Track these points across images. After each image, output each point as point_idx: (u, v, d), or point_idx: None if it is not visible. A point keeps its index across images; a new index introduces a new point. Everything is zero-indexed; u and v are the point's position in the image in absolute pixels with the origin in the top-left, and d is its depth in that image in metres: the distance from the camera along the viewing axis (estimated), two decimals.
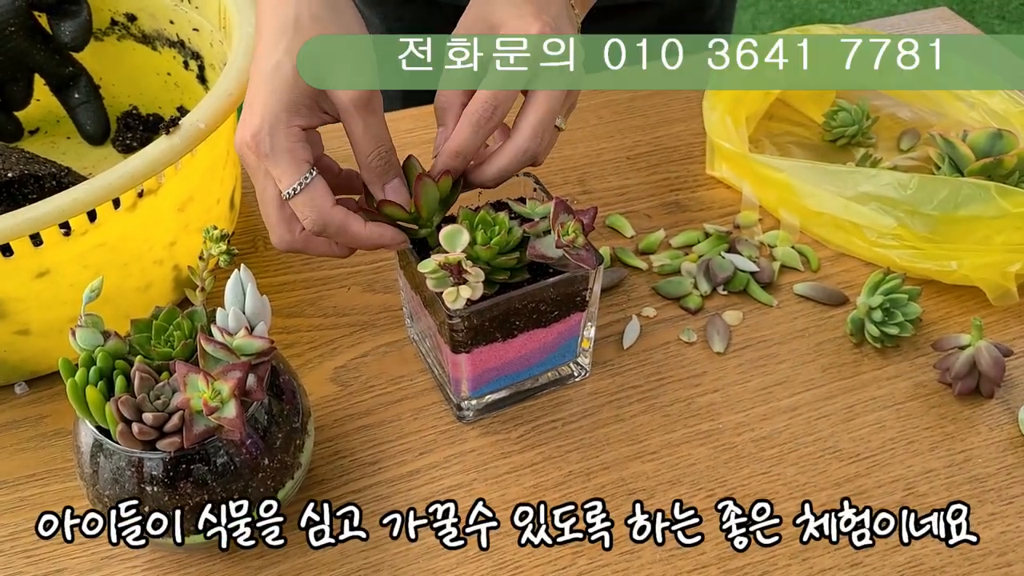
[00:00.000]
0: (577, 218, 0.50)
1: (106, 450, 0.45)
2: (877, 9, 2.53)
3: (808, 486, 0.53)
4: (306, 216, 0.48)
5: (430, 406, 0.57)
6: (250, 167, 0.49)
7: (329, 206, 0.48)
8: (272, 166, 0.48)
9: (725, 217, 0.70)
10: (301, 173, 0.48)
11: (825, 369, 0.60)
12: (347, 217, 0.49)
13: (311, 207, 0.48)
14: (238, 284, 0.46)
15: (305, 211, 0.48)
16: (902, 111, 0.80)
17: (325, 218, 0.48)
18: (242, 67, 0.58)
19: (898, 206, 0.63)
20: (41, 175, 0.61)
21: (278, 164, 0.48)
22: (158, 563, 0.50)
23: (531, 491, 0.53)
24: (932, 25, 0.90)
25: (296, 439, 0.49)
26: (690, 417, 0.57)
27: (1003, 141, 0.67)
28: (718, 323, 0.62)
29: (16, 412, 0.57)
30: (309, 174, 0.48)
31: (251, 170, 0.49)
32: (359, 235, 0.50)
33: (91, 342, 0.45)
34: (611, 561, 0.50)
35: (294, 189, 0.48)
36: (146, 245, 0.56)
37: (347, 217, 0.49)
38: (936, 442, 0.56)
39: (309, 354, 0.60)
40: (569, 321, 0.54)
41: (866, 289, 0.60)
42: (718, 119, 0.71)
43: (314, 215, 0.48)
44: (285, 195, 0.48)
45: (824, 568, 0.50)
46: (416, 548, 0.50)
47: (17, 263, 0.50)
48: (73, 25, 0.68)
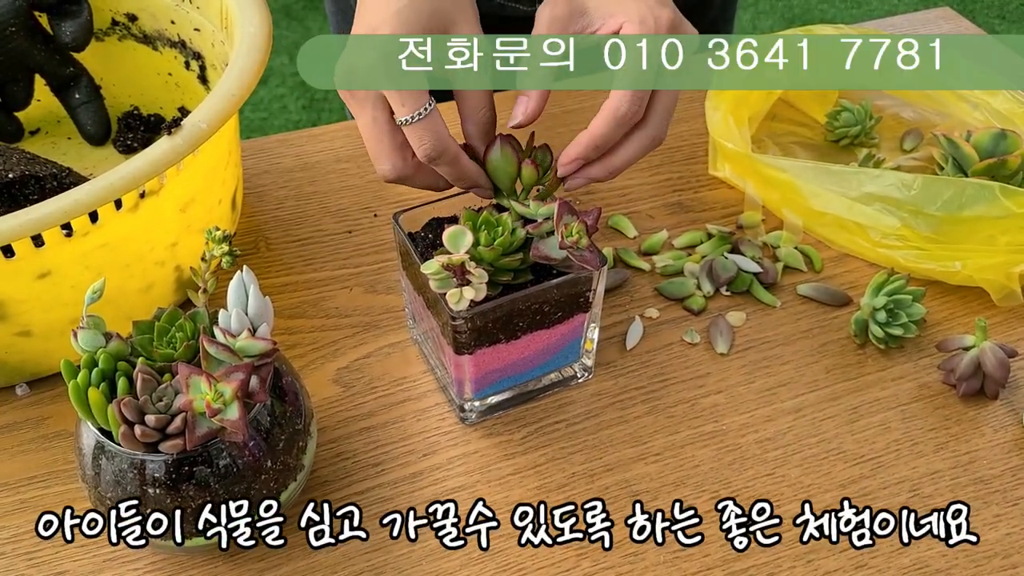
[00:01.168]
0: (581, 219, 0.49)
1: (108, 452, 0.45)
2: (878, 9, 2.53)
3: (812, 488, 0.53)
4: (424, 142, 0.50)
5: (433, 408, 0.57)
6: (357, 96, 0.50)
7: (447, 134, 0.50)
8: (397, 89, 0.49)
9: (728, 217, 0.70)
10: (424, 100, 0.49)
11: (829, 370, 0.59)
12: (460, 150, 0.51)
13: (431, 133, 0.49)
14: (241, 285, 0.46)
15: (425, 137, 0.49)
16: (905, 111, 0.79)
17: (443, 145, 0.50)
18: (244, 67, 0.57)
19: (902, 206, 0.63)
20: (42, 176, 0.61)
21: (404, 87, 0.49)
22: (159, 565, 0.50)
23: (535, 493, 0.53)
24: (935, 25, 0.90)
25: (299, 441, 0.49)
26: (694, 418, 0.57)
27: (1007, 141, 0.66)
28: (721, 324, 0.62)
29: (17, 414, 0.57)
30: (430, 103, 0.49)
31: (357, 99, 0.50)
32: (467, 167, 0.52)
33: (93, 343, 0.45)
34: (615, 563, 0.50)
35: (418, 114, 0.49)
36: (148, 246, 0.56)
37: (460, 150, 0.51)
38: (941, 443, 0.55)
39: (311, 355, 0.60)
40: (572, 322, 0.54)
41: (870, 290, 0.60)
42: (721, 119, 0.70)
43: (433, 140, 0.50)
44: (403, 120, 0.49)
45: (829, 570, 0.50)
46: (419, 550, 0.50)
47: (18, 264, 0.50)
48: (74, 25, 0.68)
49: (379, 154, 0.52)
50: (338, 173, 0.73)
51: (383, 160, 0.52)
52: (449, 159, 0.51)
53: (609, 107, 0.50)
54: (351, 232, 0.68)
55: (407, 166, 0.52)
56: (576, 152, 0.52)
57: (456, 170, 0.52)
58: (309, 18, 2.44)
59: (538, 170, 0.52)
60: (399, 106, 0.49)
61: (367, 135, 0.52)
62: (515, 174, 0.53)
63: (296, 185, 0.72)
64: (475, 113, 0.53)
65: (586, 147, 0.51)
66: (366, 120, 0.51)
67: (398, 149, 0.52)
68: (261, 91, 2.18)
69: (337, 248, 0.67)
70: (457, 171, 0.52)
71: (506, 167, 0.53)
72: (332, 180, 0.73)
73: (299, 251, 0.67)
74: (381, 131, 0.51)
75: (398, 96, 0.49)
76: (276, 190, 0.72)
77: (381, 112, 0.50)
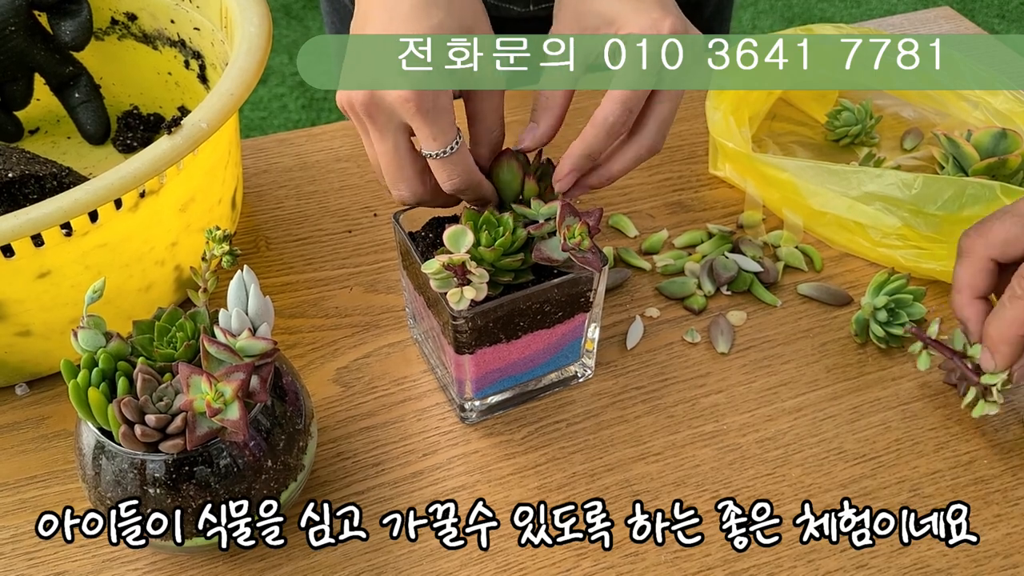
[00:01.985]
0: (583, 220, 0.49)
1: (108, 452, 0.45)
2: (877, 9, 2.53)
3: (813, 487, 0.53)
4: (454, 177, 0.50)
5: (433, 407, 0.57)
6: (378, 122, 0.49)
7: (475, 169, 0.51)
8: (429, 124, 0.48)
9: (728, 217, 0.70)
10: (454, 135, 0.49)
11: (830, 370, 0.59)
12: (482, 175, 0.52)
13: (461, 168, 0.49)
14: (241, 285, 0.46)
15: (455, 172, 0.49)
16: (905, 110, 0.79)
17: (471, 179, 0.50)
18: (243, 67, 0.57)
19: (902, 206, 0.63)
20: (42, 175, 0.61)
21: (437, 123, 0.48)
22: (160, 565, 0.50)
23: (535, 492, 0.53)
24: (935, 24, 0.90)
25: (299, 441, 0.49)
26: (694, 418, 0.57)
27: (1007, 140, 0.66)
28: (722, 323, 0.62)
29: (17, 414, 0.57)
30: (459, 137, 0.49)
31: (378, 125, 0.49)
32: (487, 190, 0.52)
33: (93, 343, 0.45)
34: (615, 563, 0.50)
35: (450, 148, 0.48)
36: (147, 246, 0.56)
37: (482, 175, 0.52)
38: (941, 443, 0.55)
39: (311, 355, 0.60)
40: (573, 322, 0.54)
41: (871, 289, 0.60)
42: (721, 119, 0.70)
43: (463, 176, 0.50)
44: (433, 154, 0.49)
45: (830, 570, 0.49)
46: (419, 550, 0.50)
47: (18, 264, 0.50)
48: (73, 24, 0.68)
49: (399, 180, 0.51)
50: (338, 172, 0.73)
51: (403, 187, 0.51)
52: (474, 188, 0.51)
53: (599, 116, 0.49)
54: (351, 231, 0.68)
55: (426, 192, 0.52)
56: (570, 165, 0.51)
57: (476, 194, 0.52)
58: (308, 17, 2.44)
59: (540, 185, 0.52)
60: (430, 140, 0.48)
61: (387, 162, 0.50)
62: (519, 188, 0.53)
63: (296, 185, 0.72)
64: (487, 135, 0.52)
65: (578, 158, 0.51)
66: (387, 147, 0.50)
67: (419, 175, 0.51)
68: (260, 90, 2.18)
69: (337, 248, 0.67)
70: (477, 194, 0.52)
71: (512, 183, 0.53)
72: (332, 179, 0.73)
73: (299, 251, 0.67)
74: (403, 159, 0.50)
75: (430, 131, 0.48)
76: (276, 190, 0.72)
77: (403, 139, 0.49)
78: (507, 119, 0.53)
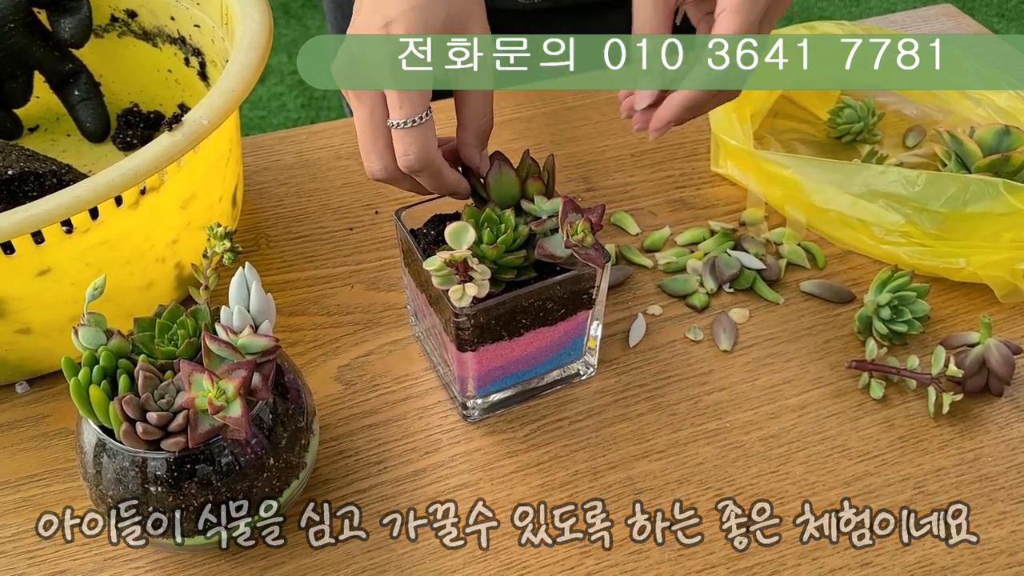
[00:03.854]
0: (586, 217, 0.49)
1: (109, 450, 0.45)
2: (877, 7, 2.53)
3: (817, 485, 0.53)
4: (409, 153, 0.48)
5: (435, 405, 0.57)
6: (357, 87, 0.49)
7: (436, 147, 0.49)
8: (399, 89, 0.47)
9: (731, 214, 0.70)
10: (423, 108, 0.48)
11: (833, 367, 0.59)
12: (444, 162, 0.50)
13: (419, 144, 0.48)
14: (243, 282, 0.46)
15: (411, 148, 0.48)
16: (907, 108, 0.79)
17: (428, 158, 0.49)
18: (244, 63, 0.57)
19: (905, 203, 0.63)
20: (41, 172, 0.60)
21: (407, 91, 0.47)
22: (161, 564, 0.49)
23: (537, 491, 0.53)
24: (936, 21, 0.89)
25: (301, 438, 0.49)
26: (697, 416, 0.56)
27: (1010, 137, 0.66)
28: (724, 321, 0.61)
29: (17, 412, 0.56)
30: (427, 112, 0.48)
31: (358, 93, 0.49)
32: (448, 178, 0.50)
33: (94, 341, 0.45)
34: (619, 561, 0.50)
35: (412, 121, 0.47)
36: (148, 243, 0.56)
37: (444, 162, 0.50)
38: (945, 440, 0.55)
39: (313, 353, 0.60)
40: (575, 319, 0.54)
41: (874, 287, 0.60)
42: (723, 116, 0.70)
43: (419, 153, 0.48)
44: (394, 123, 0.48)
45: (834, 568, 0.49)
46: (421, 549, 0.50)
47: (18, 261, 0.50)
48: (73, 21, 0.68)
49: (371, 151, 0.50)
50: (339, 170, 0.73)
51: (374, 158, 0.51)
52: (430, 173, 0.50)
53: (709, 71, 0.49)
54: (352, 229, 0.68)
55: (396, 168, 0.51)
56: (670, 115, 0.51)
57: (436, 181, 0.51)
58: (308, 16, 2.43)
59: (543, 183, 0.52)
60: (396, 107, 0.48)
61: (361, 130, 0.50)
62: (515, 191, 0.52)
63: (297, 182, 0.72)
64: (475, 121, 0.51)
65: (680, 109, 0.50)
66: (363, 115, 0.50)
67: (390, 148, 0.50)
68: (260, 89, 2.18)
69: (338, 245, 0.67)
70: (437, 182, 0.51)
71: (508, 188, 0.52)
72: (333, 177, 0.72)
73: (300, 248, 0.67)
74: (377, 128, 0.50)
75: (397, 97, 0.47)
76: (276, 187, 0.71)
77: (379, 109, 0.49)
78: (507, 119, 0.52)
